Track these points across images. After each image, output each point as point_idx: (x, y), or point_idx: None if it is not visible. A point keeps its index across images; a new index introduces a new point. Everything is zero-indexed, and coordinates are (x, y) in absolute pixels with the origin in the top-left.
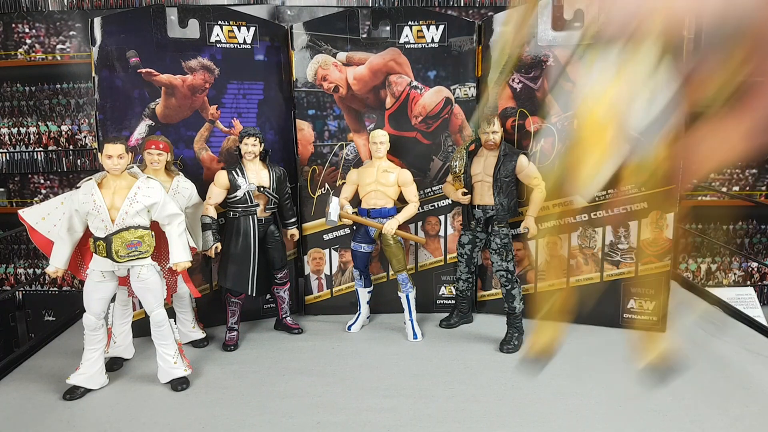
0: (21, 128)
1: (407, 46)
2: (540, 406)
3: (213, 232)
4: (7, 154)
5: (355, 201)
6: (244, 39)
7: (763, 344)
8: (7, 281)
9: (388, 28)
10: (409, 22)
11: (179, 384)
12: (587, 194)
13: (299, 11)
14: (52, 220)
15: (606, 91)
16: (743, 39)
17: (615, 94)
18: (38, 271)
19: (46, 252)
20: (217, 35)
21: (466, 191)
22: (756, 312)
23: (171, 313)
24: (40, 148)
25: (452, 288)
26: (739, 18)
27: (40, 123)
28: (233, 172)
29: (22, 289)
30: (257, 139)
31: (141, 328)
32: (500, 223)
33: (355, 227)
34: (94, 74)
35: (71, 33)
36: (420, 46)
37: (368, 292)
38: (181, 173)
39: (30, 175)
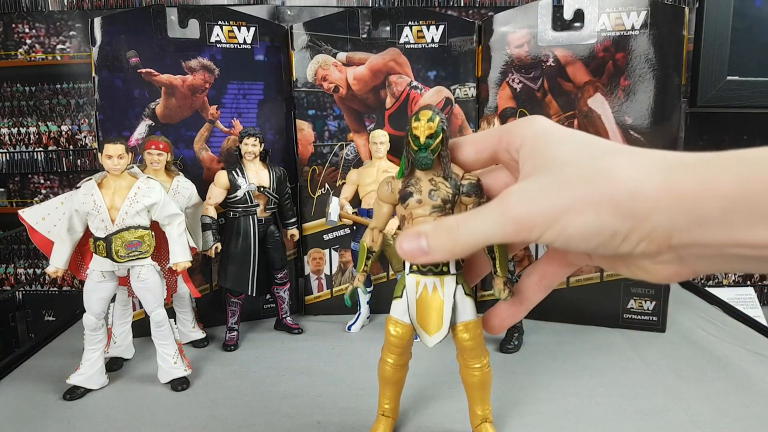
0: (21, 128)
1: (407, 46)
2: (540, 406)
3: (213, 232)
4: (7, 154)
5: (355, 201)
6: (244, 39)
7: (763, 344)
8: (7, 281)
9: (388, 28)
10: (409, 22)
11: (179, 384)
12: None
13: (299, 11)
14: (52, 220)
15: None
16: None
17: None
18: (38, 271)
19: (46, 252)
20: (217, 35)
21: None
22: (756, 312)
23: (171, 313)
24: (40, 148)
25: None
26: None
27: (40, 123)
28: (233, 172)
29: (22, 289)
30: (257, 139)
31: (141, 328)
32: None
33: (355, 227)
34: (94, 74)
35: (71, 33)
36: (420, 46)
37: (368, 292)
38: (181, 173)
39: (30, 175)
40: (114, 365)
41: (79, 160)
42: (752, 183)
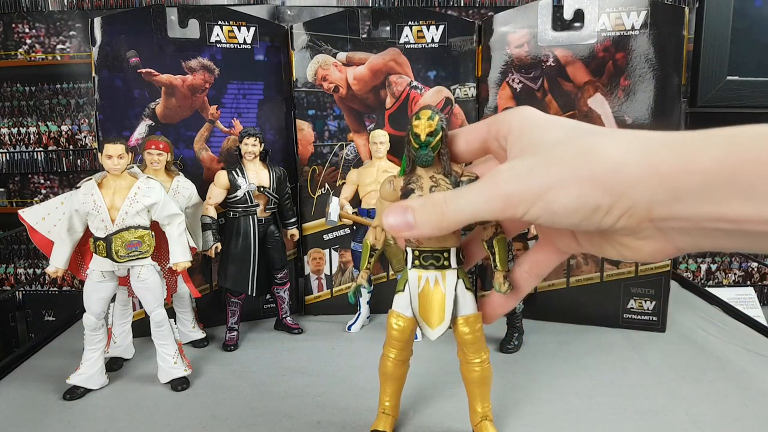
0: (21, 128)
1: (407, 46)
2: (540, 406)
3: (213, 232)
4: (7, 154)
5: (355, 201)
6: (244, 39)
7: (763, 344)
8: (7, 281)
9: (388, 28)
10: (409, 22)
11: (179, 384)
12: None
13: (299, 11)
14: (52, 220)
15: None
16: None
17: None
18: (38, 271)
19: (46, 252)
20: (217, 35)
21: None
22: (756, 312)
23: (171, 313)
24: (40, 148)
25: None
26: None
27: (40, 123)
28: (233, 172)
29: (22, 289)
30: (257, 139)
31: (141, 328)
32: None
33: (355, 227)
34: (94, 74)
35: (71, 33)
36: (420, 46)
37: (368, 292)
38: (181, 173)
39: (30, 175)
40: (114, 365)
41: (79, 160)
42: (732, 158)
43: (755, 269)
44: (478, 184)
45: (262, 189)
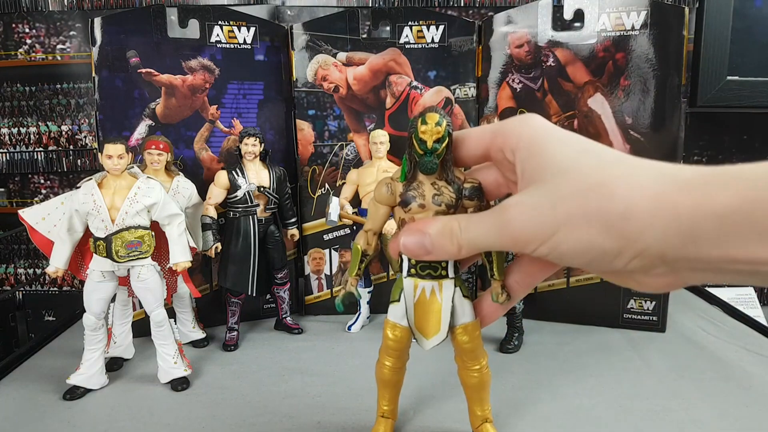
0: (21, 128)
1: (407, 46)
2: (540, 406)
3: (213, 232)
4: (7, 154)
5: (355, 201)
6: (244, 39)
7: (763, 344)
8: (7, 281)
9: (388, 28)
10: (409, 22)
11: (179, 384)
12: None
13: (299, 11)
14: (52, 220)
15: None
16: None
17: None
18: (38, 271)
19: (46, 252)
20: (217, 35)
21: None
22: (756, 312)
23: (171, 313)
24: (40, 148)
25: None
26: None
27: (40, 123)
28: (233, 172)
29: (22, 289)
30: (257, 139)
31: (141, 328)
32: None
33: (355, 227)
34: (94, 74)
35: (71, 33)
36: (420, 46)
37: (368, 292)
38: (181, 173)
39: (30, 175)
40: (114, 365)
41: (79, 160)
42: (747, 201)
43: None
44: (490, 217)
45: (262, 189)
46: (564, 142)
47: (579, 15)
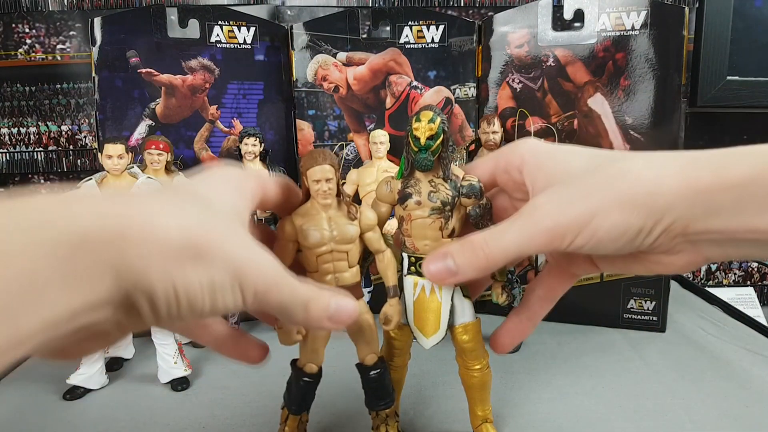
0: (21, 128)
1: (407, 46)
2: (540, 406)
3: None
4: (7, 154)
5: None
6: (244, 39)
7: (763, 344)
8: None
9: (388, 28)
10: (409, 22)
11: (179, 384)
12: None
13: (299, 11)
14: None
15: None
16: None
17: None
18: None
19: None
20: (217, 35)
21: None
22: (756, 312)
23: None
24: (40, 148)
25: None
26: None
27: (40, 123)
28: None
29: None
30: (257, 139)
31: None
32: None
33: None
34: (94, 74)
35: (71, 33)
36: (420, 46)
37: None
38: (181, 173)
39: (30, 175)
40: (114, 365)
41: (79, 160)
42: (761, 173)
43: (755, 269)
44: (518, 220)
45: None
46: (571, 153)
47: (579, 15)
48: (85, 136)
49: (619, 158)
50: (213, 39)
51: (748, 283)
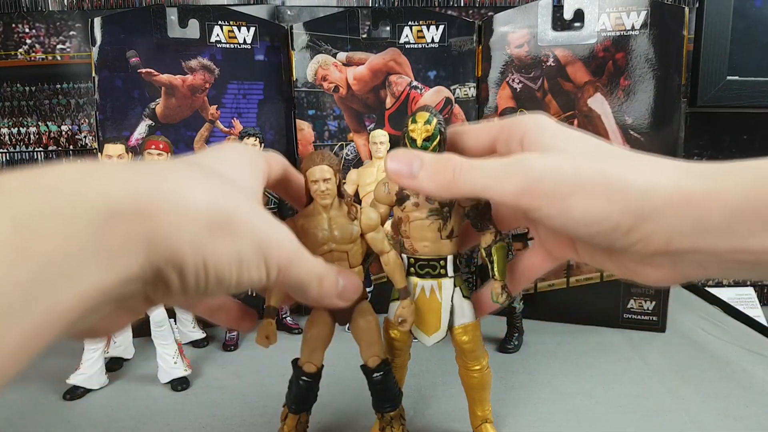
0: (21, 128)
1: (407, 46)
2: (540, 406)
3: None
4: (7, 154)
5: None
6: (244, 39)
7: (763, 344)
8: None
9: (388, 28)
10: (409, 22)
11: (179, 384)
12: None
13: (299, 11)
14: None
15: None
16: None
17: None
18: None
19: None
20: (217, 35)
21: None
22: (756, 312)
23: (171, 313)
24: (40, 148)
25: None
26: None
27: (40, 123)
28: None
29: None
30: (257, 139)
31: (141, 328)
32: None
33: None
34: (94, 74)
35: (71, 33)
36: (420, 46)
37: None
38: None
39: None
40: (114, 365)
41: (79, 161)
42: (758, 192)
43: None
44: (501, 159)
45: None
46: (577, 134)
47: (579, 15)
48: (85, 136)
49: (615, 155)
50: (213, 39)
51: (748, 283)
